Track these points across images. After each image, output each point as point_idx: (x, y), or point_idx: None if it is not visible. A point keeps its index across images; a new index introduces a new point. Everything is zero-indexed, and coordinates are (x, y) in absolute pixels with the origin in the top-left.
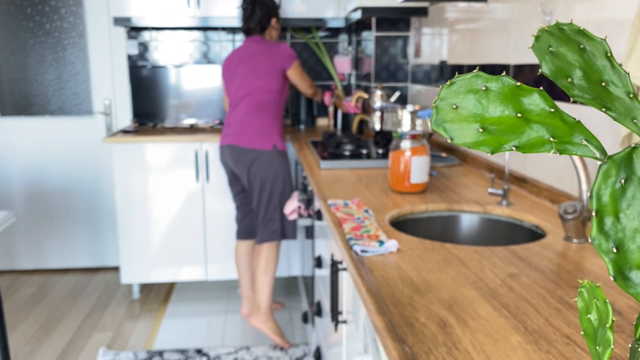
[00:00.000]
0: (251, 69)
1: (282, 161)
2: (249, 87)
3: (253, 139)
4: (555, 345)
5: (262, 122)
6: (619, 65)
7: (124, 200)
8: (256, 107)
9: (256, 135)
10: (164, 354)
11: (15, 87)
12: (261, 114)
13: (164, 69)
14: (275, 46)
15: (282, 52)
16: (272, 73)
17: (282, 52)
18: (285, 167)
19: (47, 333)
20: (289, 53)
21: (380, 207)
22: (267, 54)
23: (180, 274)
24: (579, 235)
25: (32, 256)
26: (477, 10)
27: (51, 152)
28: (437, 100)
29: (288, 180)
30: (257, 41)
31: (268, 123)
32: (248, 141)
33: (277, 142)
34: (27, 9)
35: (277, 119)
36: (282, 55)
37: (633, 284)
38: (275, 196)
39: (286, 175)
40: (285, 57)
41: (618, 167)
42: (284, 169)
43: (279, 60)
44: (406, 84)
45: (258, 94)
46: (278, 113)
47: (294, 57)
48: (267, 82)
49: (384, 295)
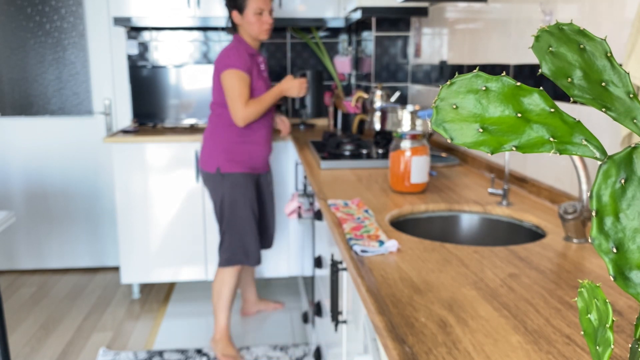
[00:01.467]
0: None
1: (227, 185)
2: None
3: (203, 159)
4: (555, 345)
5: (211, 140)
6: (619, 65)
7: (124, 200)
8: (210, 123)
9: (205, 155)
10: (164, 354)
11: (15, 87)
12: (212, 131)
13: (164, 69)
14: (223, 50)
15: (220, 58)
16: (216, 83)
17: (220, 57)
18: (232, 192)
19: (47, 333)
20: (225, 58)
21: (380, 207)
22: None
23: (180, 274)
24: (579, 235)
25: (32, 256)
26: (477, 10)
27: (51, 152)
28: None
29: (240, 206)
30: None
31: (214, 142)
32: (201, 161)
33: (221, 163)
34: (27, 9)
35: (224, 137)
36: (220, 60)
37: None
38: (225, 222)
39: (235, 200)
40: (220, 63)
41: (618, 167)
42: (230, 193)
43: (217, 67)
44: (406, 84)
45: (211, 108)
46: (227, 130)
47: (228, 65)
48: (214, 93)
49: (384, 295)
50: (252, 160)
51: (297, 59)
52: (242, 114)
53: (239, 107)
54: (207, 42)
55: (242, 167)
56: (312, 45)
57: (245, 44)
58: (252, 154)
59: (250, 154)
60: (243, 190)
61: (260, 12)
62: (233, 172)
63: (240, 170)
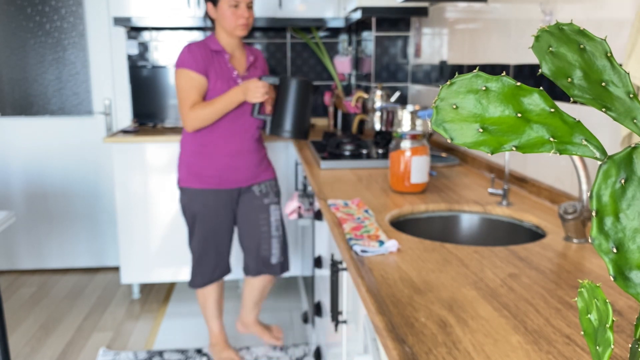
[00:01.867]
0: None
1: (184, 200)
2: None
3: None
4: (555, 345)
5: (180, 149)
6: (619, 65)
7: (123, 200)
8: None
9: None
10: (164, 354)
11: (15, 87)
12: (181, 139)
13: (164, 69)
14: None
15: (178, 57)
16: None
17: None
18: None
19: (47, 333)
20: (177, 57)
21: (380, 207)
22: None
23: (180, 274)
24: (579, 235)
25: (32, 256)
26: (477, 10)
27: (51, 152)
28: (437, 100)
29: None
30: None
31: (180, 151)
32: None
33: (181, 175)
34: (27, 9)
35: (184, 146)
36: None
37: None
38: (190, 235)
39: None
40: (176, 62)
41: (618, 167)
42: (187, 209)
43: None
44: (406, 84)
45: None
46: (187, 138)
47: (177, 64)
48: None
49: (384, 295)
50: (216, 173)
51: (297, 59)
52: (187, 118)
53: (183, 110)
54: None
55: (201, 181)
56: (312, 45)
57: (212, 39)
58: (214, 166)
59: (212, 166)
60: (199, 208)
61: (235, 5)
62: (190, 187)
63: (198, 186)
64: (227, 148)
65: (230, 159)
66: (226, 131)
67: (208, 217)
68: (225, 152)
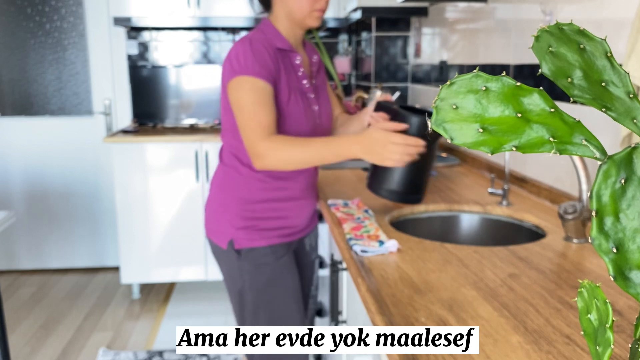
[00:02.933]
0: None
1: (247, 267)
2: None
3: (208, 223)
4: (555, 345)
5: (220, 192)
6: (619, 65)
7: (124, 200)
8: (219, 163)
9: (209, 216)
10: (164, 354)
11: (15, 87)
12: (222, 178)
13: (164, 69)
14: (233, 46)
15: (227, 59)
16: (223, 99)
17: (227, 57)
18: (256, 276)
19: (47, 333)
20: (232, 60)
21: (380, 207)
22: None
23: (180, 274)
24: (579, 235)
25: (32, 256)
26: (477, 10)
27: (51, 152)
28: (437, 101)
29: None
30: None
31: (224, 196)
32: (207, 227)
33: (236, 234)
34: (27, 9)
35: (239, 189)
36: (225, 64)
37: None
38: (248, 321)
39: (262, 289)
40: (226, 68)
41: (618, 167)
42: (252, 279)
43: (223, 74)
44: (406, 84)
45: (222, 139)
46: (244, 177)
47: (235, 70)
48: (222, 115)
49: (384, 295)
50: (286, 221)
51: None
52: (260, 151)
53: (252, 138)
54: (207, 42)
55: (269, 236)
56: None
57: (274, 32)
58: (285, 213)
59: (283, 213)
60: (273, 272)
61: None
62: (255, 246)
63: (266, 243)
64: (301, 186)
65: (303, 200)
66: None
67: (287, 281)
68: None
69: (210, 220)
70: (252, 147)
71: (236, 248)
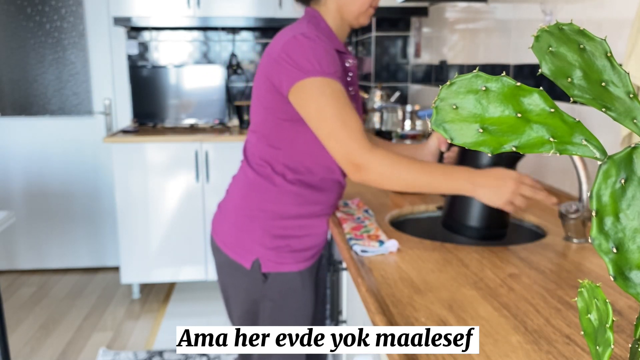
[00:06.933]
0: (255, 84)
1: (272, 292)
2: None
3: (225, 236)
4: (555, 345)
5: (243, 200)
6: (619, 65)
7: (124, 200)
8: (245, 164)
9: (229, 226)
10: (164, 354)
11: (15, 87)
12: (248, 181)
13: (164, 69)
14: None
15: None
16: (261, 93)
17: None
18: (281, 303)
19: (47, 333)
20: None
21: (380, 207)
22: (266, 54)
23: (180, 274)
24: (579, 235)
25: (32, 256)
26: (477, 10)
27: (51, 152)
28: (437, 101)
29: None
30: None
31: (251, 204)
32: (220, 237)
33: (264, 254)
34: (27, 9)
35: (271, 202)
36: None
37: (633, 284)
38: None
39: (283, 317)
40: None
41: (618, 167)
42: (275, 305)
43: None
44: (406, 84)
45: (249, 137)
46: (277, 187)
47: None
48: (255, 113)
49: (384, 295)
50: (314, 240)
51: None
52: (362, 160)
53: (353, 147)
54: (207, 42)
55: (299, 259)
56: None
57: (328, 32)
58: (313, 230)
59: (311, 230)
60: (297, 301)
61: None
62: (285, 271)
63: (297, 268)
64: (331, 199)
65: (325, 218)
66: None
67: (308, 310)
68: (328, 205)
69: (229, 233)
70: (352, 158)
71: (263, 271)
